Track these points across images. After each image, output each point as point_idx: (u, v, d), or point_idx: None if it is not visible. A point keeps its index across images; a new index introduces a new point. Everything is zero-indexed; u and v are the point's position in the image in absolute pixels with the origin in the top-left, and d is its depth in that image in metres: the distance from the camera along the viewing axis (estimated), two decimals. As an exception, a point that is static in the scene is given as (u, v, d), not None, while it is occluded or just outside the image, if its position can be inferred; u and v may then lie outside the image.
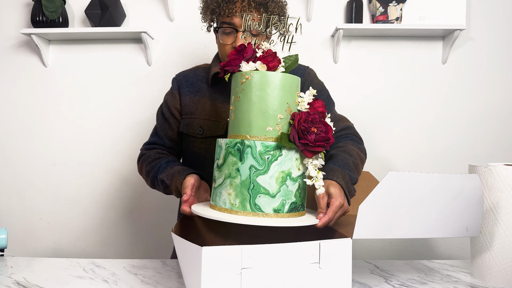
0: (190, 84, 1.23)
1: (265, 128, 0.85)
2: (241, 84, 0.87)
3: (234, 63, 0.89)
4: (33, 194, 2.01)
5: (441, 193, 0.85)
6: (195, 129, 1.19)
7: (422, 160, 1.98)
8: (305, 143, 0.81)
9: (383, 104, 1.98)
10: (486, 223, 0.95)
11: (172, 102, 1.23)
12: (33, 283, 0.92)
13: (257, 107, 0.85)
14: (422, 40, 1.96)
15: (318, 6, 1.95)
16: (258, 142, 0.82)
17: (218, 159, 0.89)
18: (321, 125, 0.83)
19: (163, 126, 1.25)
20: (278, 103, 0.85)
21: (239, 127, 0.87)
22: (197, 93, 1.21)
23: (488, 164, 0.97)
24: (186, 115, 1.21)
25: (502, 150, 1.97)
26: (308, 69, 1.23)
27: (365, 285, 0.93)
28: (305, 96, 0.88)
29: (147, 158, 1.19)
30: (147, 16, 1.97)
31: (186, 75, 1.25)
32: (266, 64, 0.87)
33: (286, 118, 0.86)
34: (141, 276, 0.98)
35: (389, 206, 0.81)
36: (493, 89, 1.97)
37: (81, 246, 2.01)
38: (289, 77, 0.87)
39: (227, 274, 0.71)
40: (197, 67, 1.29)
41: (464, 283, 0.95)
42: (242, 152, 0.83)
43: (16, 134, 2.01)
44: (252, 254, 0.72)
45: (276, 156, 0.82)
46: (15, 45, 2.00)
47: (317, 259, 0.76)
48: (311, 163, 0.85)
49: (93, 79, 1.99)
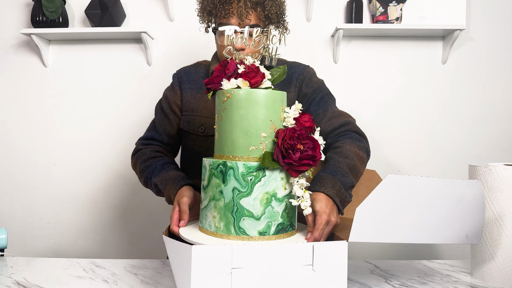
0: (192, 80, 1.21)
1: (248, 147, 0.82)
2: (223, 103, 0.84)
3: (216, 80, 0.86)
4: (33, 194, 2.01)
5: (442, 198, 0.82)
6: (197, 127, 1.17)
7: (421, 160, 1.98)
8: (289, 162, 0.77)
9: (383, 104, 1.98)
10: (486, 224, 0.95)
11: (173, 97, 1.21)
12: (33, 283, 0.92)
13: (239, 126, 0.82)
14: (422, 40, 1.96)
15: (318, 6, 1.95)
16: (240, 163, 0.80)
17: (203, 179, 0.87)
18: (308, 141, 0.79)
19: (162, 121, 1.22)
20: (261, 121, 0.82)
21: (223, 147, 0.85)
22: (199, 90, 1.19)
23: (488, 164, 0.97)
24: (187, 112, 1.19)
25: (502, 150, 1.97)
26: (308, 68, 1.21)
27: (365, 285, 0.93)
28: (290, 112, 0.85)
29: (143, 155, 1.17)
30: (147, 16, 1.97)
31: (187, 71, 1.23)
32: (248, 81, 0.83)
33: (270, 135, 0.82)
34: (141, 276, 0.98)
35: (388, 209, 0.78)
36: (493, 89, 1.97)
37: (81, 246, 2.01)
38: (272, 93, 0.83)
39: (217, 274, 0.70)
40: (198, 63, 1.27)
41: (464, 283, 0.95)
42: (225, 174, 0.81)
43: (16, 134, 2.01)
44: (242, 254, 0.71)
45: (259, 177, 0.80)
46: (15, 45, 2.00)
47: (310, 261, 0.73)
48: (296, 183, 0.81)
49: (93, 79, 1.99)
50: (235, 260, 0.71)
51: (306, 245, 0.73)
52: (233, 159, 0.83)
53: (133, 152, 1.23)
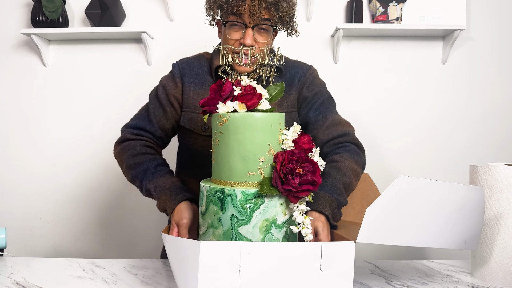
0: (195, 74, 1.13)
1: (246, 173, 0.79)
2: (219, 127, 0.81)
3: (211, 102, 0.82)
4: (33, 194, 2.01)
5: (444, 204, 0.81)
6: (199, 125, 1.12)
7: (422, 160, 1.98)
8: (289, 188, 0.75)
9: (383, 104, 1.98)
10: (487, 224, 0.95)
11: (173, 90, 1.13)
12: (33, 283, 0.91)
13: (236, 152, 0.79)
14: (422, 40, 1.96)
15: (318, 6, 1.95)
16: (238, 190, 0.77)
17: (201, 205, 0.85)
18: (307, 164, 0.76)
19: (157, 112, 1.13)
20: (259, 146, 0.79)
21: (220, 172, 0.83)
22: (202, 85, 1.13)
23: (488, 164, 0.97)
24: (189, 108, 1.13)
25: (503, 150, 1.97)
26: (311, 69, 1.18)
27: (365, 285, 0.93)
28: (288, 134, 0.82)
29: (131, 148, 1.08)
30: (147, 16, 1.97)
31: (190, 63, 1.15)
32: (244, 103, 0.80)
33: (269, 160, 0.80)
34: (141, 276, 0.98)
35: (392, 212, 0.77)
36: (493, 89, 1.97)
37: (81, 246, 2.01)
38: (269, 116, 0.80)
39: (225, 271, 0.70)
40: (200, 56, 1.19)
41: (464, 283, 0.95)
42: (223, 201, 0.78)
43: (16, 134, 2.01)
44: (251, 251, 0.70)
45: (258, 204, 0.77)
46: (15, 45, 1.99)
47: (318, 261, 0.73)
48: (296, 209, 0.79)
49: (93, 79, 1.99)
50: (243, 258, 0.70)
51: (315, 245, 0.73)
52: (231, 185, 0.80)
53: (120, 140, 1.13)
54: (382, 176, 1.94)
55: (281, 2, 1.02)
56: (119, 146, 1.12)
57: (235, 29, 1.03)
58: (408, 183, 0.76)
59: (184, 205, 0.94)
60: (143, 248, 2.01)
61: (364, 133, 1.98)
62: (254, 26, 1.01)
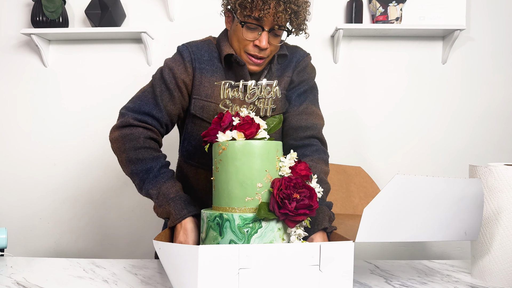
0: (207, 60, 1.08)
1: (244, 198, 0.81)
2: (219, 155, 0.84)
3: (212, 132, 0.87)
4: (33, 194, 2.01)
5: (443, 197, 0.82)
6: (211, 114, 1.07)
7: (422, 160, 1.98)
8: (285, 212, 0.76)
9: (383, 104, 1.98)
10: (486, 224, 0.95)
11: (182, 74, 1.05)
12: (33, 283, 0.92)
13: (235, 178, 0.82)
14: (422, 40, 1.96)
15: (318, 6, 1.95)
16: (236, 215, 0.79)
17: (202, 232, 0.86)
18: (304, 190, 0.78)
19: (164, 96, 1.04)
20: (257, 172, 0.81)
21: (220, 198, 0.85)
22: (214, 73, 1.07)
23: (488, 164, 0.97)
24: (199, 96, 1.07)
25: (502, 150, 1.97)
26: (307, 57, 1.17)
27: (365, 285, 0.93)
28: (285, 161, 0.85)
29: (133, 139, 1.00)
30: (147, 16, 1.97)
31: (199, 48, 1.09)
32: (243, 132, 0.84)
33: (266, 185, 0.82)
34: (141, 276, 0.98)
35: (392, 209, 0.78)
36: (493, 89, 1.97)
37: (81, 246, 2.01)
38: (267, 144, 0.83)
39: (224, 274, 0.70)
40: (209, 40, 1.13)
41: (464, 283, 0.95)
42: (221, 226, 0.80)
43: (16, 134, 2.01)
44: (250, 254, 0.71)
45: (255, 228, 0.78)
46: (15, 45, 2.00)
47: (317, 261, 0.74)
48: (294, 233, 0.80)
49: (93, 79, 1.99)
50: (242, 260, 0.71)
51: (313, 245, 0.74)
52: (230, 210, 0.82)
53: (120, 124, 1.02)
54: (382, 176, 1.95)
55: (301, 9, 1.03)
56: (119, 131, 1.02)
57: (252, 30, 1.03)
58: (405, 180, 0.77)
59: (190, 225, 0.92)
60: (143, 248, 2.01)
61: (364, 133, 1.99)
62: (270, 29, 1.02)
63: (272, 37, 1.03)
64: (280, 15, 0.99)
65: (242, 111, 0.89)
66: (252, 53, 1.04)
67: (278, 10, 0.98)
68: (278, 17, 0.99)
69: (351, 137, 1.98)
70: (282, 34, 1.07)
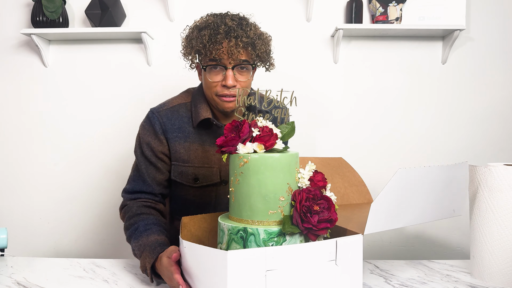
0: (178, 128, 1.13)
1: (267, 212, 0.82)
2: (240, 167, 0.83)
3: (231, 143, 0.85)
4: (33, 194, 2.01)
5: (435, 183, 0.90)
6: (190, 178, 1.14)
7: (422, 160, 1.98)
8: (309, 227, 0.78)
9: (382, 104, 1.98)
10: (486, 223, 0.95)
11: (159, 146, 1.13)
12: (33, 283, 0.92)
13: (258, 191, 0.82)
14: (422, 40, 1.96)
15: (318, 6, 1.95)
16: (261, 229, 0.80)
17: (221, 243, 0.86)
18: (323, 201, 0.80)
19: (149, 171, 1.13)
20: (279, 185, 0.82)
21: (241, 210, 0.84)
22: (187, 138, 1.13)
23: (488, 164, 0.97)
24: (178, 162, 1.13)
25: (502, 150, 1.98)
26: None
27: (365, 285, 0.93)
28: (305, 172, 0.85)
29: (128, 210, 1.10)
30: (147, 16, 1.97)
31: (169, 117, 1.13)
32: (263, 144, 0.84)
33: (288, 198, 0.83)
34: (141, 276, 0.98)
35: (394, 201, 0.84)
36: (493, 89, 1.97)
37: (81, 246, 2.01)
38: (287, 157, 0.83)
39: (253, 277, 0.72)
40: (178, 106, 1.16)
41: (464, 283, 0.95)
42: (245, 240, 0.81)
43: (16, 134, 2.01)
44: (275, 255, 0.74)
45: (280, 242, 0.80)
46: (15, 45, 2.00)
47: (334, 256, 0.79)
48: None
49: (93, 79, 1.99)
50: (269, 262, 0.73)
51: (330, 241, 0.79)
52: (253, 223, 0.82)
53: (121, 206, 1.16)
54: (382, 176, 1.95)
55: (257, 40, 1.04)
56: (121, 212, 1.15)
57: (216, 72, 1.05)
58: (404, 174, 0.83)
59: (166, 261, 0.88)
60: (143, 248, 2.01)
61: (363, 133, 1.99)
62: (233, 67, 1.03)
63: (238, 74, 1.05)
64: (233, 50, 1.00)
65: (260, 121, 0.88)
66: (221, 94, 1.05)
67: (230, 46, 1.00)
68: (232, 53, 1.00)
69: (351, 137, 1.98)
70: (250, 69, 1.08)
